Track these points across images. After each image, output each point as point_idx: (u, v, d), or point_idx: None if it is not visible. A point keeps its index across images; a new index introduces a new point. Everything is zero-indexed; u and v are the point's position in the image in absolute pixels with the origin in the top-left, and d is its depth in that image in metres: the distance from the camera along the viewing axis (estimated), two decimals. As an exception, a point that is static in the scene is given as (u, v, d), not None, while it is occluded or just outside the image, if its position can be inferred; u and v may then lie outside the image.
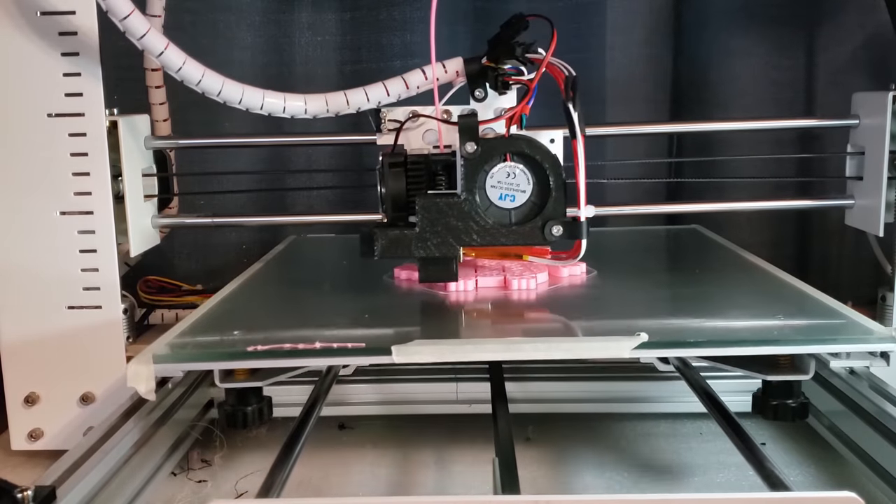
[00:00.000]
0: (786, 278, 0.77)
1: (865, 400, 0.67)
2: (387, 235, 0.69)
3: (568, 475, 0.72)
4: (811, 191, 1.04)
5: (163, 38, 0.67)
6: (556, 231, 0.68)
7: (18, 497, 0.48)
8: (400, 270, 0.80)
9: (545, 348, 0.60)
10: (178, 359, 0.63)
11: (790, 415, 0.66)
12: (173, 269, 1.07)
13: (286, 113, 0.72)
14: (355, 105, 0.72)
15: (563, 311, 0.70)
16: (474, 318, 0.70)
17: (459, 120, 0.68)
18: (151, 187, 0.82)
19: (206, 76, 0.69)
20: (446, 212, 0.68)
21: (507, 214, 0.69)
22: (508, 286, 0.75)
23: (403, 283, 0.79)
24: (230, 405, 0.66)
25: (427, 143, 0.74)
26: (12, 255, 0.74)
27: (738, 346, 0.61)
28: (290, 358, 0.62)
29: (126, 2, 0.65)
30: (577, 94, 0.66)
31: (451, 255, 0.69)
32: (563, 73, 0.67)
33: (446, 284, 0.74)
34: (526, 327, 0.68)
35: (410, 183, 0.70)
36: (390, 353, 0.59)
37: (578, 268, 0.79)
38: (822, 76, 1.05)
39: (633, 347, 0.59)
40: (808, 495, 0.49)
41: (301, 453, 0.60)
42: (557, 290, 0.75)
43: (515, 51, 0.69)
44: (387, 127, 0.75)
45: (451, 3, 1.06)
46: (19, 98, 0.72)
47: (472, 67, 0.71)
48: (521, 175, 0.68)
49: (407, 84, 0.72)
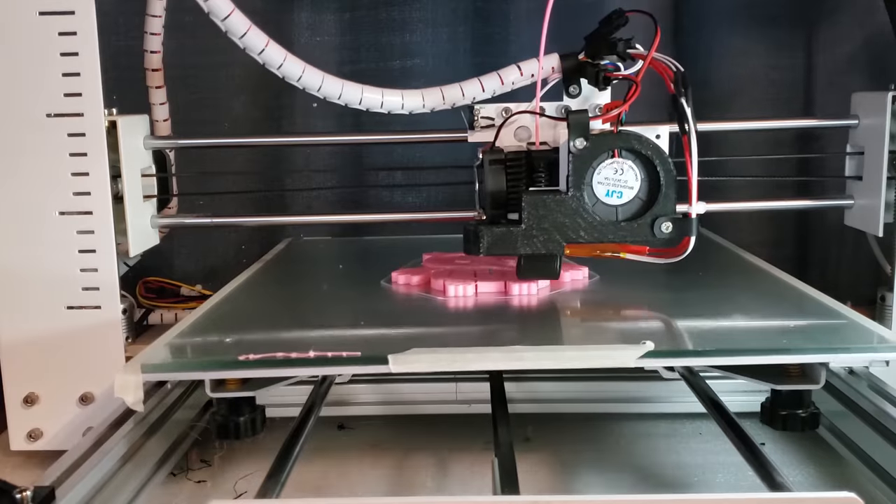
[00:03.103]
0: (790, 281, 0.77)
1: (865, 400, 0.67)
2: (493, 232, 0.68)
3: (567, 475, 0.72)
4: (811, 191, 1.04)
5: (263, 35, 0.69)
6: (666, 228, 0.68)
7: (17, 497, 0.48)
8: (398, 275, 0.79)
9: (548, 357, 0.59)
10: (167, 368, 0.61)
11: (800, 425, 0.64)
12: (172, 270, 1.07)
13: (384, 108, 0.72)
14: (451, 100, 0.73)
15: (566, 317, 0.69)
16: (473, 324, 0.69)
17: (569, 115, 0.68)
18: (151, 187, 0.82)
19: (307, 72, 0.70)
20: (553, 208, 0.68)
21: (615, 211, 0.69)
22: (509, 291, 0.74)
23: (401, 288, 0.78)
24: (221, 415, 0.64)
25: (519, 141, 0.73)
26: (12, 254, 0.74)
27: (748, 356, 0.59)
28: (283, 367, 0.59)
29: (227, 2, 0.66)
30: (689, 89, 0.65)
31: (556, 251, 0.69)
32: (669, 68, 0.67)
33: (445, 291, 0.73)
34: (527, 334, 0.66)
35: (510, 180, 0.70)
36: (387, 363, 0.57)
37: (580, 272, 0.78)
38: (822, 76, 1.05)
39: (639, 356, 0.58)
40: (808, 495, 0.49)
41: (300, 454, 0.60)
42: (559, 296, 0.75)
43: (618, 46, 0.68)
44: (479, 124, 0.74)
45: (451, 3, 1.06)
46: (19, 98, 0.72)
47: (569, 63, 0.71)
48: (629, 171, 0.68)
49: (502, 80, 0.72)
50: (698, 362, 0.65)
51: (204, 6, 0.65)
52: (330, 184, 1.11)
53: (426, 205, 1.09)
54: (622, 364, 0.58)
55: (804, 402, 0.64)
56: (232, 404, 0.64)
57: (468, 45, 1.06)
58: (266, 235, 1.09)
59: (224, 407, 0.64)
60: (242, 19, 0.67)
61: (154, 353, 0.62)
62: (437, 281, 0.76)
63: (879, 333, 0.62)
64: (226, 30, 0.66)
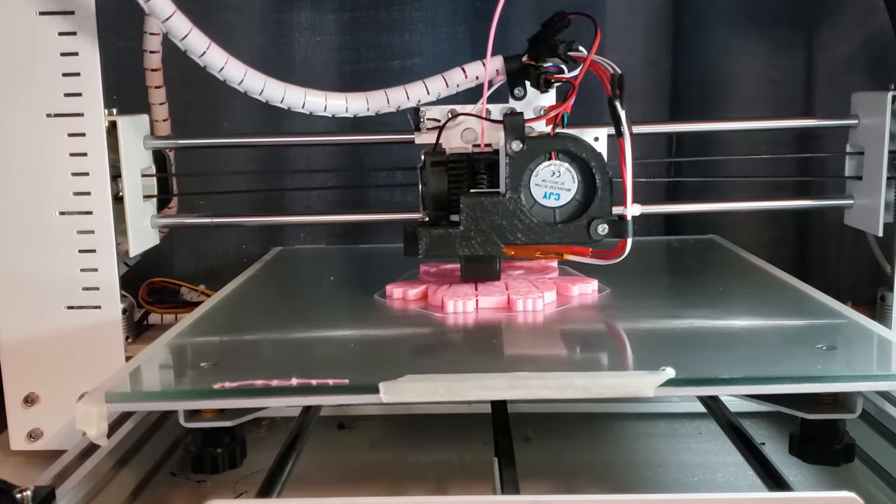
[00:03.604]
0: (817, 296, 0.72)
1: (865, 400, 0.67)
2: (431, 234, 0.69)
3: (568, 475, 0.72)
4: (810, 191, 1.04)
5: (204, 38, 0.68)
6: (602, 230, 0.68)
7: (17, 497, 0.48)
8: (392, 288, 0.74)
9: (556, 385, 0.54)
10: (134, 398, 0.55)
11: (834, 458, 0.59)
12: (172, 270, 1.07)
13: (327, 112, 0.72)
14: (396, 103, 0.72)
15: (574, 338, 0.65)
16: (474, 345, 0.64)
17: (505, 118, 0.68)
18: (151, 187, 0.82)
19: (248, 75, 0.69)
20: (491, 210, 0.68)
21: (552, 213, 0.69)
22: (512, 307, 0.70)
23: (396, 303, 0.73)
24: (196, 446, 0.58)
25: (465, 143, 0.73)
26: (11, 254, 0.74)
27: (779, 384, 0.53)
28: (263, 397, 0.53)
29: (169, 3, 0.65)
30: (623, 91, 0.65)
31: (495, 253, 0.69)
32: (607, 70, 0.67)
33: (444, 306, 0.70)
34: (532, 357, 0.61)
35: (452, 181, 0.70)
36: (377, 392, 0.52)
37: (590, 286, 0.74)
38: (822, 76, 1.05)
39: (659, 385, 0.52)
40: (808, 495, 0.49)
41: (301, 453, 0.60)
42: (567, 312, 0.70)
43: (558, 49, 0.69)
44: (425, 126, 0.74)
45: (451, 3, 1.06)
46: (19, 98, 0.72)
47: (513, 66, 0.71)
48: (566, 173, 0.68)
49: (447, 82, 0.72)
50: (725, 391, 0.61)
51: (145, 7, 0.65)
52: (330, 184, 1.11)
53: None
54: (639, 393, 0.52)
55: (838, 433, 0.59)
56: (208, 434, 0.58)
57: (468, 45, 1.06)
58: (266, 236, 1.09)
59: (199, 438, 0.58)
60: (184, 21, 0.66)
61: (122, 380, 0.56)
62: (435, 295, 0.71)
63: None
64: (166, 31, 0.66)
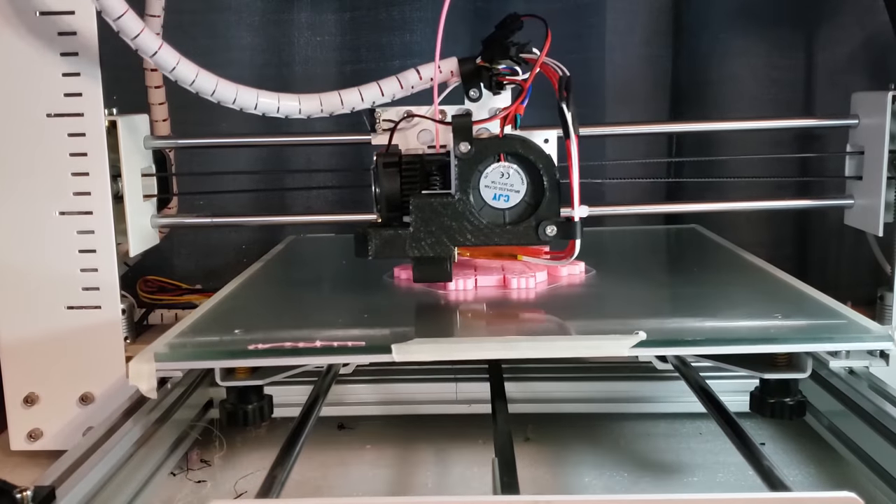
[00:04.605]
0: (784, 278, 0.78)
1: (865, 400, 0.67)
2: (381, 235, 0.69)
3: (567, 475, 0.72)
4: (810, 191, 1.04)
5: (157, 38, 0.67)
6: (550, 231, 0.69)
7: (18, 497, 0.48)
8: (400, 270, 0.80)
9: (543, 347, 0.61)
10: (179, 357, 0.64)
11: (787, 413, 0.66)
12: (172, 270, 1.07)
13: (280, 113, 0.72)
14: (350, 105, 0.72)
15: (562, 310, 0.70)
16: (473, 316, 0.70)
17: (453, 120, 0.69)
18: (151, 187, 0.82)
19: (200, 76, 0.68)
20: (440, 211, 0.69)
21: (502, 214, 0.70)
22: (508, 285, 0.75)
23: (403, 282, 0.79)
24: (231, 403, 0.66)
25: (422, 144, 0.74)
26: (11, 255, 0.74)
27: (736, 345, 0.61)
28: (291, 356, 0.62)
29: (120, 2, 0.65)
30: (570, 93, 0.66)
31: (445, 254, 0.70)
32: (557, 73, 0.68)
33: (445, 284, 0.74)
34: (525, 326, 0.68)
35: (405, 183, 0.71)
36: (390, 352, 0.59)
37: (577, 267, 0.79)
38: (822, 76, 1.05)
39: (632, 346, 0.60)
40: (808, 495, 0.49)
41: (301, 453, 0.60)
42: (556, 290, 0.76)
43: (510, 51, 0.69)
44: (381, 127, 0.74)
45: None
46: (18, 98, 0.72)
47: (467, 67, 0.71)
48: (514, 175, 0.69)
49: (401, 84, 0.72)
50: (688, 351, 0.68)
51: (97, 5, 0.64)
52: (330, 184, 1.11)
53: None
54: (615, 353, 0.60)
55: (791, 391, 0.66)
56: (240, 393, 0.67)
57: (468, 45, 1.06)
58: (266, 235, 1.09)
59: (233, 396, 0.67)
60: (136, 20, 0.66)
61: (166, 344, 0.64)
62: None
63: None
64: (118, 30, 0.65)
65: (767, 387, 0.66)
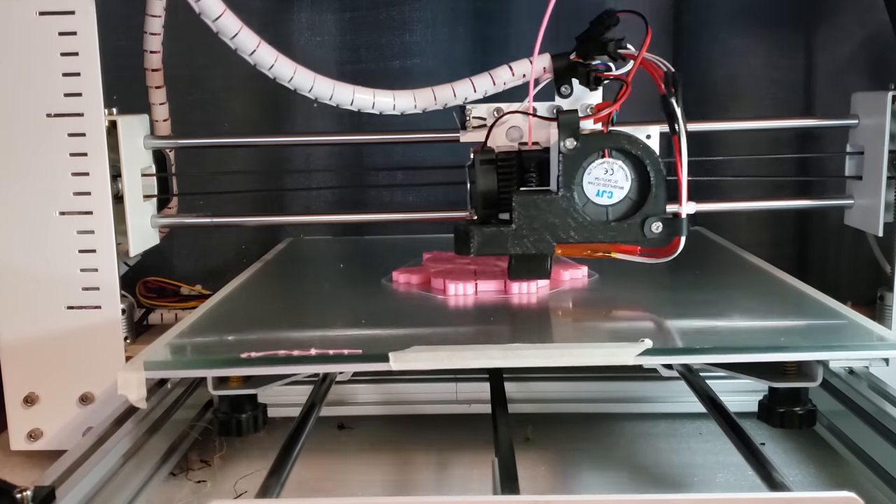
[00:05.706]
0: (789, 280, 0.77)
1: (865, 400, 0.67)
2: (483, 232, 0.68)
3: (567, 475, 0.72)
4: (810, 191, 1.04)
5: (254, 36, 0.68)
6: (656, 228, 0.67)
7: (18, 497, 0.48)
8: (398, 274, 0.80)
9: (546, 355, 0.59)
10: (169, 366, 0.62)
11: (797, 422, 0.64)
12: (172, 270, 1.07)
13: (375, 108, 0.72)
14: (442, 101, 0.73)
15: (565, 316, 0.70)
16: (474, 322, 0.69)
17: (559, 115, 0.68)
18: (151, 187, 0.82)
19: (298, 73, 0.70)
20: (544, 208, 0.68)
21: (605, 211, 0.68)
22: (508, 290, 0.75)
23: (402, 287, 0.78)
24: (224, 412, 0.64)
25: (511, 141, 0.73)
26: (11, 255, 0.74)
27: (745, 353, 0.59)
28: (285, 365, 0.60)
29: (218, 2, 0.65)
30: (678, 89, 0.65)
31: (547, 252, 0.69)
32: (659, 68, 0.66)
33: (445, 289, 0.73)
34: (526, 333, 0.66)
35: (501, 180, 0.70)
36: (387, 360, 0.58)
37: (580, 271, 0.79)
38: (822, 76, 1.05)
39: (638, 354, 0.58)
40: (808, 495, 0.49)
41: (300, 453, 0.60)
42: (558, 294, 0.75)
43: (608, 46, 0.68)
44: (471, 124, 0.74)
45: (451, 3, 1.06)
46: (19, 98, 0.72)
47: (560, 63, 0.71)
48: (619, 171, 0.67)
49: (494, 80, 0.72)
50: (696, 360, 0.66)
51: (195, 6, 0.65)
52: (330, 184, 1.11)
53: (426, 204, 1.09)
54: (620, 362, 0.58)
55: (801, 400, 0.64)
56: (234, 402, 0.64)
57: (468, 45, 1.06)
58: (266, 235, 1.09)
59: (226, 404, 0.64)
60: (234, 20, 0.67)
61: (157, 351, 0.62)
62: (438, 280, 0.77)
63: (879, 333, 0.62)
64: (217, 30, 0.66)
65: (776, 395, 0.65)
